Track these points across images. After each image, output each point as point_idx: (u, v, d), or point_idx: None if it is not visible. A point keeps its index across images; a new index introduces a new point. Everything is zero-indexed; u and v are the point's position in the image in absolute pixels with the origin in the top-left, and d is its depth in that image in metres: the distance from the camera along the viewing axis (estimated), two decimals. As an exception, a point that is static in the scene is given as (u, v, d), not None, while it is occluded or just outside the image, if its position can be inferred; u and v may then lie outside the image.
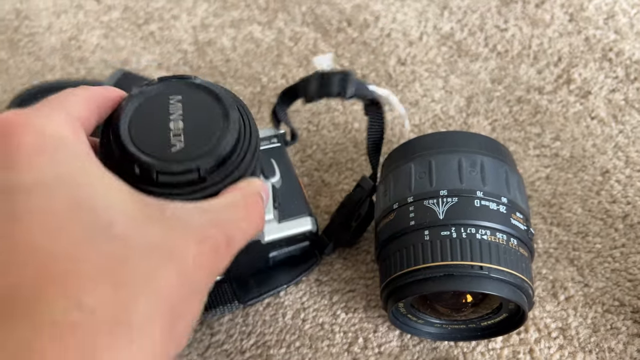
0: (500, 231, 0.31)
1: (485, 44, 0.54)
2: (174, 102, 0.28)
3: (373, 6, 0.59)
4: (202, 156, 0.26)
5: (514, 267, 0.30)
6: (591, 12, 0.56)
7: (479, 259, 0.29)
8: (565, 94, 0.49)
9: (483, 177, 0.32)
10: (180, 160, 0.26)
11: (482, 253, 0.30)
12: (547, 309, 0.37)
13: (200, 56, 0.57)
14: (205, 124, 0.28)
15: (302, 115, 0.50)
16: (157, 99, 0.28)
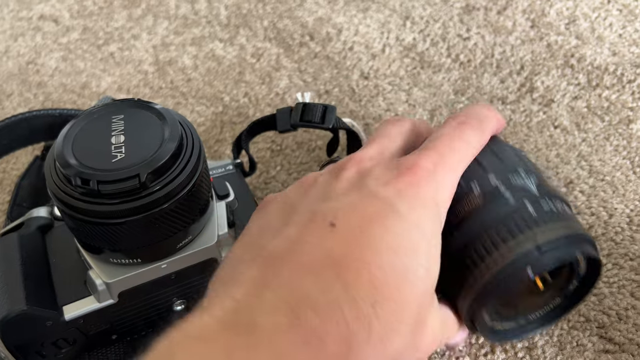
0: None
1: (448, 54, 0.54)
2: (117, 120, 0.30)
3: (335, 19, 0.59)
4: (142, 164, 0.28)
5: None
6: (552, 17, 0.55)
7: None
8: (528, 103, 0.49)
9: None
10: (120, 169, 0.27)
11: None
12: (513, 328, 0.36)
13: (161, 76, 0.56)
14: (145, 136, 0.29)
15: (265, 135, 0.49)
16: (101, 118, 0.30)
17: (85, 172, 0.28)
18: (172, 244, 0.32)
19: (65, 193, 0.29)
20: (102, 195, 0.28)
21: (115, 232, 0.29)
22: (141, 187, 0.28)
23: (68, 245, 0.34)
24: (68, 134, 0.30)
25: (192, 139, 0.31)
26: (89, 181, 0.28)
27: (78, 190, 0.28)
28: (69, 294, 0.33)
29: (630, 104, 0.47)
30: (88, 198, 0.28)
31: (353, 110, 0.50)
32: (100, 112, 0.31)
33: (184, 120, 0.32)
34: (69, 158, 0.29)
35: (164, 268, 0.33)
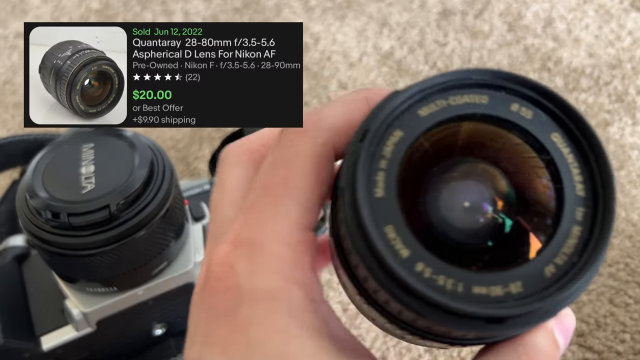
0: None
1: (426, 61, 0.54)
2: (87, 149, 0.30)
3: (313, 27, 0.59)
4: (112, 194, 0.28)
5: None
6: (529, 20, 0.56)
7: None
8: (506, 108, 0.49)
9: None
10: (90, 200, 0.27)
11: None
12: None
13: (139, 93, 0.55)
14: (115, 165, 0.29)
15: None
16: (71, 148, 0.30)
17: (55, 205, 0.28)
18: (147, 270, 0.32)
19: (36, 226, 0.29)
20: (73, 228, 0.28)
21: (89, 263, 0.29)
22: (112, 217, 0.28)
23: (45, 274, 0.34)
24: (38, 166, 0.30)
25: (162, 165, 0.31)
26: (59, 214, 0.28)
27: (49, 223, 0.28)
28: (47, 323, 0.33)
29: (606, 106, 0.48)
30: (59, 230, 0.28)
31: (332, 121, 0.50)
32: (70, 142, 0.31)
33: (155, 145, 0.32)
34: (38, 190, 0.29)
35: (141, 295, 0.32)
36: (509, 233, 0.17)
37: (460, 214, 0.17)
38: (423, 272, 0.16)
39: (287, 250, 0.17)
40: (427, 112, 0.17)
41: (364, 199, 0.16)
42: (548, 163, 0.17)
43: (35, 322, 0.33)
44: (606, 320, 0.36)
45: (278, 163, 0.18)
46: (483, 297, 0.16)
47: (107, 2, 0.64)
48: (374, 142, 0.17)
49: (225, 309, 0.17)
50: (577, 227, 0.16)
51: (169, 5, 0.63)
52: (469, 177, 0.18)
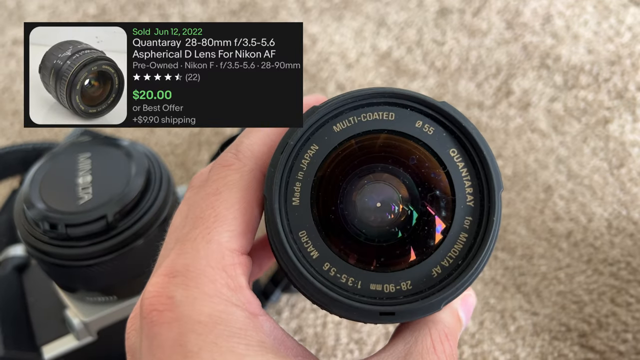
0: None
1: (424, 61, 0.54)
2: (83, 159, 0.30)
3: (310, 29, 0.58)
4: (109, 204, 0.28)
5: None
6: (527, 17, 0.55)
7: None
8: (505, 107, 0.49)
9: None
10: (87, 211, 0.28)
11: None
12: (496, 342, 0.37)
13: (137, 98, 0.55)
14: (112, 175, 0.29)
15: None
16: (67, 158, 0.30)
17: (53, 216, 0.28)
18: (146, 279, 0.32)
19: (34, 237, 0.29)
20: (71, 239, 0.28)
21: (87, 273, 0.29)
22: (109, 227, 0.28)
23: (45, 284, 0.34)
24: (35, 177, 0.30)
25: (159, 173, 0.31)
26: (57, 225, 0.28)
27: (47, 235, 0.28)
28: (48, 333, 0.33)
29: (606, 103, 0.47)
30: (57, 241, 0.28)
31: (330, 123, 0.50)
32: (67, 152, 0.31)
33: (152, 153, 0.32)
34: (36, 202, 0.29)
35: None
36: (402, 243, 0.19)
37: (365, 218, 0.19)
38: (329, 271, 0.19)
39: (222, 274, 0.19)
40: (340, 128, 0.20)
41: (279, 207, 0.19)
42: (445, 175, 0.19)
43: (36, 332, 0.34)
44: (608, 320, 0.36)
45: (208, 195, 0.20)
46: (378, 292, 0.19)
47: (104, 7, 0.64)
48: (292, 155, 0.20)
49: (172, 340, 0.17)
50: (463, 234, 0.19)
51: (166, 9, 0.63)
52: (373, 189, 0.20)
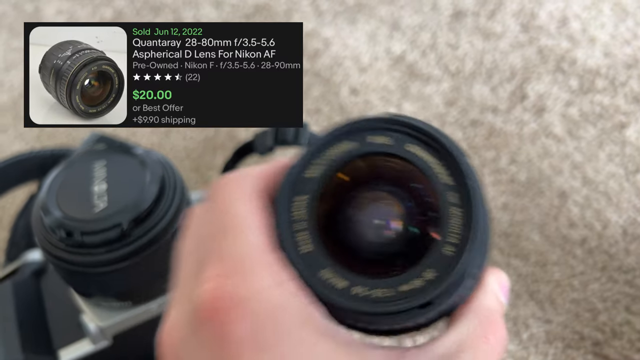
0: None
1: (438, 65, 0.53)
2: (99, 167, 0.30)
3: (324, 33, 0.59)
4: (124, 212, 0.28)
5: None
6: (543, 19, 0.55)
7: None
8: (519, 112, 0.49)
9: None
10: (102, 218, 0.28)
11: None
12: (509, 349, 0.36)
13: (152, 102, 0.56)
14: (127, 183, 0.29)
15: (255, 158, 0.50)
16: (83, 166, 0.31)
17: (69, 224, 0.28)
18: (161, 285, 0.32)
19: (51, 243, 0.29)
20: (87, 246, 0.28)
21: (103, 279, 0.30)
22: (124, 235, 0.28)
23: (62, 289, 0.35)
24: (52, 184, 0.31)
25: (174, 181, 0.31)
26: (72, 233, 0.28)
27: (63, 242, 0.29)
28: (64, 338, 0.34)
29: (623, 108, 0.47)
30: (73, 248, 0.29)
31: (343, 128, 0.50)
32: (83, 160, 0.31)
33: (166, 161, 0.32)
34: (52, 209, 0.29)
35: (155, 309, 0.33)
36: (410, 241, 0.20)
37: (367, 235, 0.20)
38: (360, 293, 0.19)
39: (272, 268, 0.18)
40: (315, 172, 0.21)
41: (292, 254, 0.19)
42: None
43: (53, 336, 0.34)
44: (622, 328, 0.36)
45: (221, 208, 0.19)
46: (410, 292, 0.19)
47: (120, 11, 0.65)
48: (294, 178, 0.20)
49: (247, 336, 0.17)
50: (454, 209, 0.20)
51: (181, 13, 0.64)
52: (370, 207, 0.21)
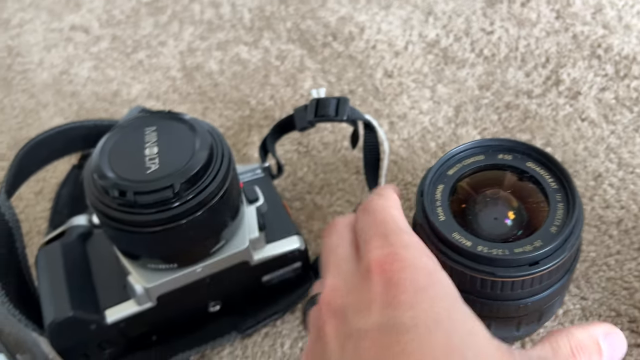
0: None
1: (472, 49, 0.54)
2: (150, 132, 0.31)
3: (358, 17, 0.59)
4: (175, 174, 0.29)
5: None
6: (578, 7, 0.55)
7: None
8: (554, 96, 0.49)
9: None
10: (155, 180, 0.29)
11: None
12: (545, 325, 0.37)
13: (189, 82, 0.57)
14: (178, 147, 0.31)
15: (291, 136, 0.50)
16: (134, 131, 0.32)
17: (122, 184, 0.29)
18: (205, 248, 0.33)
19: (103, 204, 0.30)
20: (139, 206, 0.29)
21: (151, 239, 0.31)
22: (175, 196, 0.29)
23: (108, 252, 0.36)
24: (104, 147, 0.31)
25: (221, 148, 0.32)
26: (125, 192, 0.29)
27: (115, 201, 0.30)
28: (110, 298, 0.35)
29: (660, 93, 0.47)
30: (125, 208, 0.30)
31: (377, 109, 0.51)
32: (134, 125, 0.32)
33: (214, 129, 0.33)
34: (106, 171, 0.30)
35: (199, 272, 0.34)
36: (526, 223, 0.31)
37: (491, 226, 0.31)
38: (482, 250, 0.29)
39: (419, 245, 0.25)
40: (453, 171, 0.32)
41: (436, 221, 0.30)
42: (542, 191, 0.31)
43: (99, 296, 0.35)
44: (659, 307, 0.36)
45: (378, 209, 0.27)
46: (522, 252, 0.29)
47: None
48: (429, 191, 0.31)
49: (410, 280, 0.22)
50: (559, 204, 0.30)
51: (216, -3, 0.64)
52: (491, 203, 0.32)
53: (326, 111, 0.40)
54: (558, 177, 0.31)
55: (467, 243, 0.29)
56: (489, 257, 0.28)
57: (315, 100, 0.41)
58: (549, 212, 0.30)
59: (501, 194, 0.32)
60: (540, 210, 0.31)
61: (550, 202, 0.30)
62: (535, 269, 0.28)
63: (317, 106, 0.40)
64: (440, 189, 0.31)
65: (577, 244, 0.30)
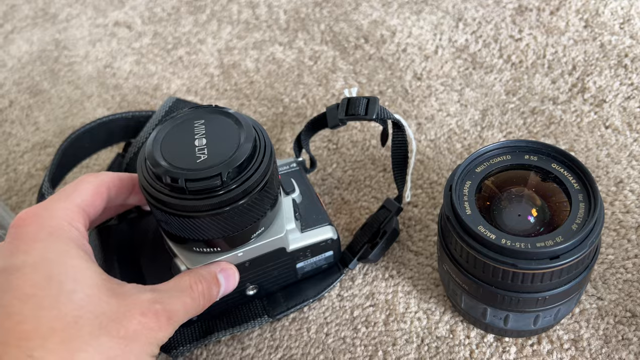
0: None
1: (500, 55, 0.55)
2: (198, 125, 0.34)
3: (389, 21, 0.61)
4: (223, 164, 0.32)
5: None
6: (607, 17, 0.56)
7: None
8: (579, 103, 0.50)
9: None
10: (204, 168, 0.32)
11: None
12: (561, 321, 0.38)
13: (225, 79, 0.60)
14: (224, 139, 0.33)
15: (322, 134, 0.53)
16: (184, 124, 0.34)
17: (174, 172, 0.32)
18: (247, 234, 0.36)
19: (155, 189, 0.33)
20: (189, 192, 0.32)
21: (199, 224, 0.33)
22: (222, 184, 0.32)
23: (155, 236, 0.38)
24: (157, 138, 0.34)
25: (264, 141, 0.34)
26: (177, 179, 0.31)
27: (167, 188, 0.32)
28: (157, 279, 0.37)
29: (684, 104, 0.48)
30: (176, 194, 0.32)
31: (406, 110, 0.53)
32: (184, 118, 0.35)
33: (257, 124, 0.35)
34: (159, 159, 0.33)
35: (240, 256, 0.36)
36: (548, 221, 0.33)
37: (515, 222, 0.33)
38: (506, 243, 0.31)
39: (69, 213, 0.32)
40: (481, 169, 0.35)
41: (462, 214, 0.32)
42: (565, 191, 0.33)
43: (147, 277, 0.38)
44: (674, 309, 0.37)
45: None
46: (542, 246, 0.30)
47: None
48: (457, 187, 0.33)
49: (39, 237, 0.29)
50: (581, 203, 0.32)
51: (253, -2, 0.67)
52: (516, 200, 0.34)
53: (356, 110, 0.42)
54: (581, 179, 0.33)
55: (492, 236, 0.31)
56: (512, 249, 0.30)
57: (347, 99, 0.43)
58: (571, 211, 0.32)
59: (525, 192, 0.34)
60: (562, 209, 0.32)
61: (572, 201, 0.32)
62: (555, 263, 0.30)
63: (348, 105, 0.42)
64: (468, 185, 0.33)
65: (596, 242, 0.31)
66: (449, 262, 0.34)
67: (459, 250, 0.33)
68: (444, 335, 0.39)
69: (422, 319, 0.40)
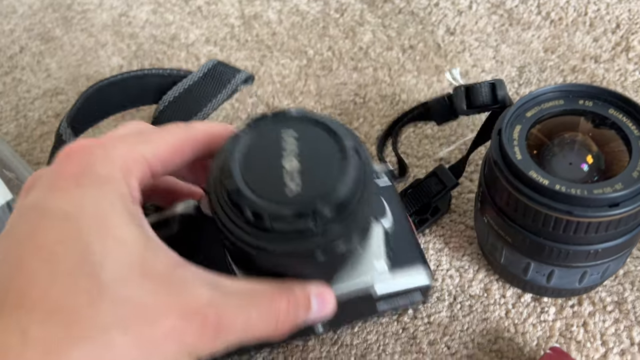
0: None
1: (538, 12, 0.52)
2: (287, 137, 0.25)
3: (420, -25, 0.58)
4: (319, 202, 0.23)
5: None
6: (653, -25, 0.53)
7: None
8: (623, 62, 0.47)
9: None
10: (295, 203, 0.23)
11: None
12: (604, 283, 0.36)
13: (247, 30, 0.57)
14: (321, 164, 0.24)
15: (348, 88, 0.50)
16: (269, 133, 0.25)
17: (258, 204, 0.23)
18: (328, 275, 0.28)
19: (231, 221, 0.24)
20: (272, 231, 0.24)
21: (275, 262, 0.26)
22: (316, 228, 0.23)
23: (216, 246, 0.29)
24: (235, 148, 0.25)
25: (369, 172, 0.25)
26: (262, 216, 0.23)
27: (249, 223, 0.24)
28: None
29: None
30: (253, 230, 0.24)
31: (438, 65, 0.50)
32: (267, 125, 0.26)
33: (359, 143, 0.26)
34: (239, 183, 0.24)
35: None
36: (603, 169, 0.30)
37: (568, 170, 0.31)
38: (560, 188, 0.28)
39: None
40: (531, 113, 0.32)
41: None
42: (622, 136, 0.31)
43: None
44: None
45: None
46: (601, 193, 0.28)
47: None
48: (506, 131, 0.31)
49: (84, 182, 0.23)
50: None
51: (277, -51, 0.64)
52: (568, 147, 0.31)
53: (482, 100, 0.36)
54: None
55: (545, 181, 0.28)
56: (567, 195, 0.28)
57: (464, 88, 0.36)
58: (631, 157, 0.29)
59: (579, 138, 0.31)
60: (618, 157, 0.30)
61: (632, 148, 0.30)
62: (614, 211, 0.28)
63: (467, 95, 0.36)
64: (518, 129, 0.31)
65: None
66: (492, 212, 0.32)
67: (506, 198, 0.30)
68: (477, 294, 0.37)
69: (454, 276, 0.38)
